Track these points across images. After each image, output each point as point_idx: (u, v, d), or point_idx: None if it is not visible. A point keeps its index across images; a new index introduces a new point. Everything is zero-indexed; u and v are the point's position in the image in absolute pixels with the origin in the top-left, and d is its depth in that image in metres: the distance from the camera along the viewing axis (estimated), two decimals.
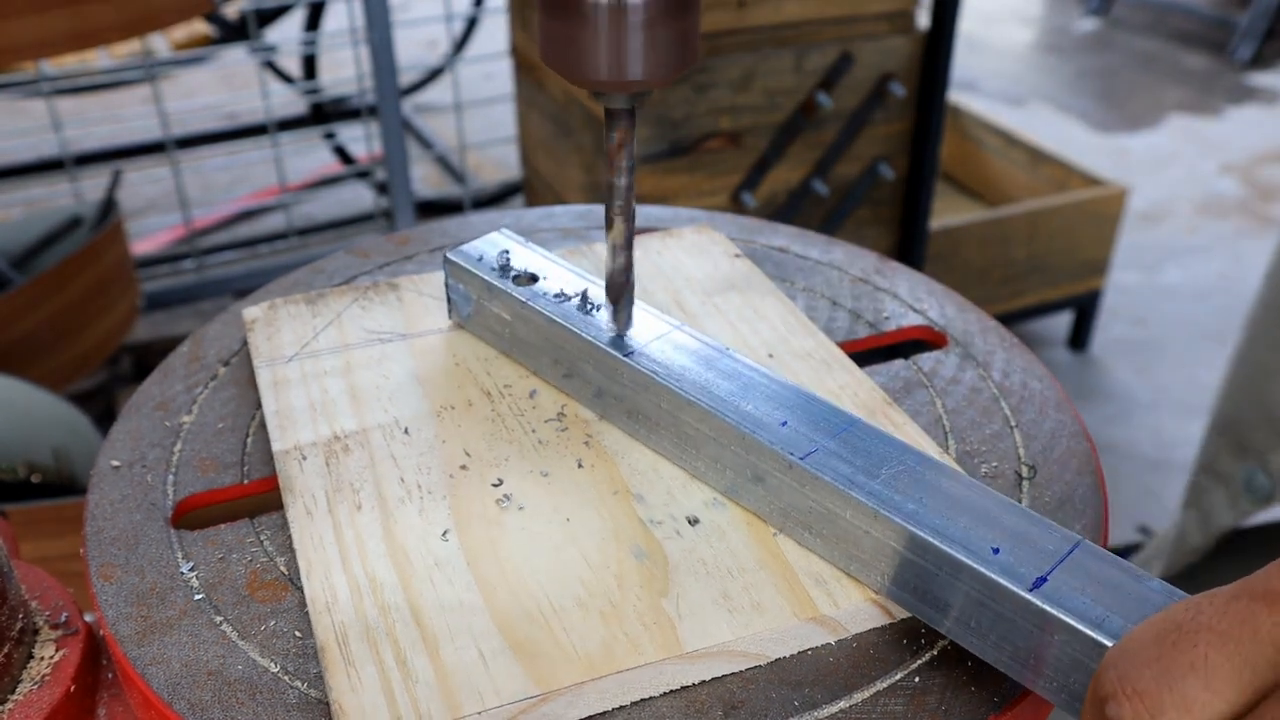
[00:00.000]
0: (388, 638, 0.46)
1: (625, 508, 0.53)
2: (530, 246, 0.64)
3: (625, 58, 0.48)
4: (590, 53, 0.48)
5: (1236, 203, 3.11)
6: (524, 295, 0.60)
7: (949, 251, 2.19)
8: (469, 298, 0.64)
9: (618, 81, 0.49)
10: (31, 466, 1.44)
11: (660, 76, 0.49)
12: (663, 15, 0.48)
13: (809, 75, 1.87)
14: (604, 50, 0.48)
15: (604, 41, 0.48)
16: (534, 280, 0.61)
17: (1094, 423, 2.27)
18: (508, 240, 0.65)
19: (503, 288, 0.61)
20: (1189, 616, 0.36)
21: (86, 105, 3.28)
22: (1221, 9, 4.42)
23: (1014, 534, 0.45)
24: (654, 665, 0.45)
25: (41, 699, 0.49)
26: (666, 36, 0.48)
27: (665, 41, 0.48)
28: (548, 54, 0.50)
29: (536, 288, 0.61)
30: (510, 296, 0.61)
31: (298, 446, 0.57)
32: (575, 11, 0.48)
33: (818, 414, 0.52)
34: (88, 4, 1.25)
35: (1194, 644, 0.35)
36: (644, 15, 0.47)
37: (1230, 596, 0.35)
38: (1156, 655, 0.35)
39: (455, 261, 0.63)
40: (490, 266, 0.63)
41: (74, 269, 1.79)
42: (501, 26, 2.81)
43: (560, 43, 0.49)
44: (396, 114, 2.02)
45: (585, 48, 0.48)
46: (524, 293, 0.60)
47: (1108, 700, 0.36)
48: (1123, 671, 0.36)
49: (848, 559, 0.49)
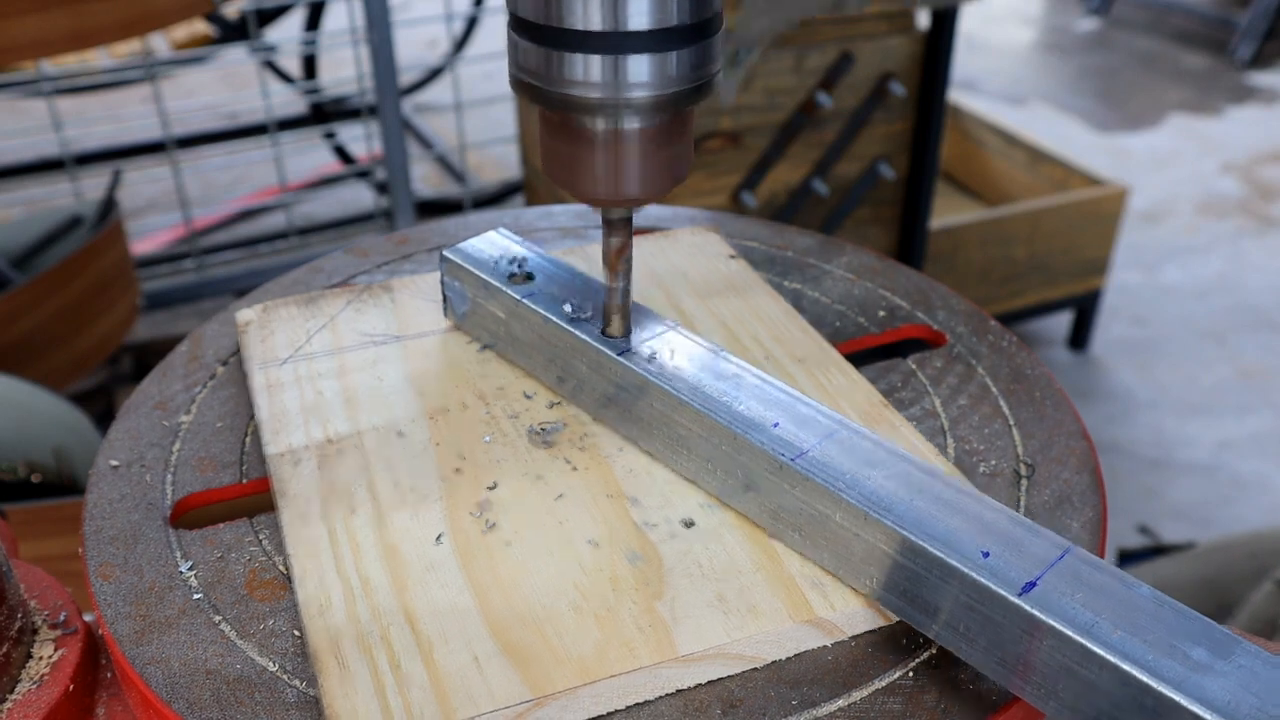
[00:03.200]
0: (381, 642, 0.46)
1: (620, 510, 0.53)
2: (527, 245, 0.64)
3: (623, 178, 0.51)
4: (589, 172, 0.51)
5: (1236, 202, 3.11)
6: (520, 294, 0.60)
7: (949, 251, 2.19)
8: (465, 296, 0.64)
9: (616, 199, 0.52)
10: (31, 466, 1.44)
11: (656, 193, 0.52)
12: (658, 141, 0.51)
13: (809, 75, 1.87)
14: (602, 171, 0.51)
15: (602, 163, 0.51)
16: (530, 279, 0.62)
17: (1094, 422, 2.27)
18: (505, 239, 0.65)
19: (499, 286, 0.61)
20: None
21: (86, 105, 3.28)
22: (1221, 9, 4.42)
23: (1004, 538, 0.45)
24: (648, 669, 0.45)
25: (40, 698, 0.49)
26: (661, 159, 0.51)
27: (660, 163, 0.51)
28: (550, 169, 0.53)
29: (532, 286, 0.61)
30: (506, 295, 0.61)
31: (291, 450, 0.57)
32: (576, 135, 0.51)
33: (809, 416, 0.52)
34: (88, 4, 1.25)
35: None
36: (640, 141, 0.50)
37: None
38: None
39: (452, 259, 0.63)
40: (488, 265, 0.63)
41: (74, 269, 1.78)
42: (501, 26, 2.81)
43: (562, 160, 0.52)
44: (396, 114, 2.02)
45: (585, 168, 0.51)
46: (520, 291, 0.60)
47: None
48: None
49: (838, 562, 0.49)
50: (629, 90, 0.48)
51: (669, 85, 0.48)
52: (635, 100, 0.48)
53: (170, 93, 3.47)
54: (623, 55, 0.47)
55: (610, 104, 0.48)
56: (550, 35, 0.48)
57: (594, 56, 0.47)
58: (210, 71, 3.52)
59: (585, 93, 0.48)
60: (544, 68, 0.49)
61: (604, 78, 0.48)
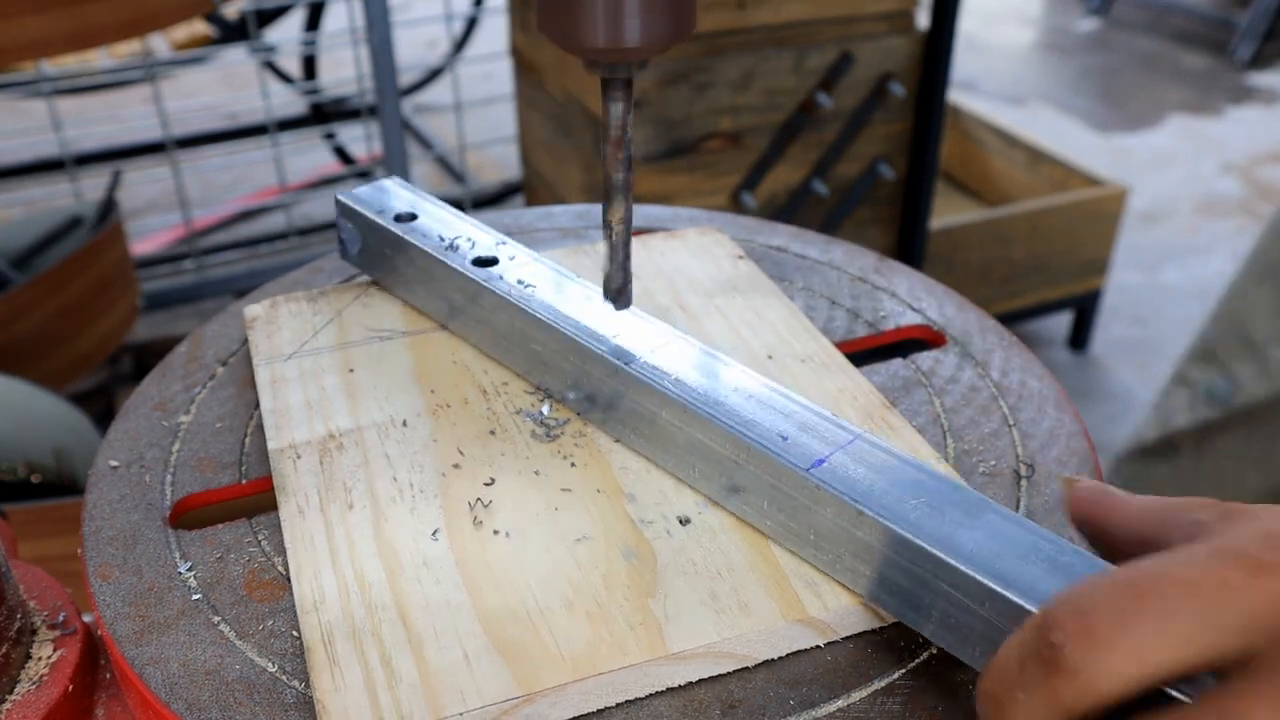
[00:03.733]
0: (373, 637, 0.46)
1: (616, 507, 0.53)
2: (416, 192, 0.70)
3: (623, 21, 0.48)
4: (587, 17, 0.48)
5: (1236, 203, 3.11)
6: (401, 230, 0.66)
7: (949, 251, 2.19)
8: (356, 236, 0.69)
9: (616, 46, 0.49)
10: (31, 466, 1.44)
11: (658, 41, 0.49)
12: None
13: (809, 75, 1.87)
14: (601, 13, 0.48)
15: (601, 7, 0.48)
16: (414, 219, 0.67)
17: (1094, 423, 2.27)
18: (398, 188, 0.70)
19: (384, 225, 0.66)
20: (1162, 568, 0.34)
21: (86, 105, 3.28)
22: (1221, 9, 4.42)
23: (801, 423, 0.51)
24: (639, 666, 0.45)
25: (39, 699, 0.49)
26: (662, 3, 0.48)
27: (661, 6, 0.48)
28: (545, 23, 0.50)
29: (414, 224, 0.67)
30: (389, 231, 0.66)
31: (293, 445, 0.57)
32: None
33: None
34: (88, 4, 1.25)
35: (1162, 594, 0.34)
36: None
37: (1211, 553, 0.34)
38: (1118, 594, 0.34)
39: (345, 202, 0.69)
40: (375, 208, 0.68)
41: (74, 269, 1.78)
42: (501, 26, 2.80)
43: (558, 10, 0.49)
44: (396, 114, 2.02)
45: (582, 12, 0.48)
46: (402, 228, 0.66)
47: (1053, 628, 0.34)
48: (1079, 605, 0.34)
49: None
50: None
51: None
52: None
53: (170, 93, 3.47)
54: None
55: None
56: None
57: None
58: (210, 72, 3.52)
59: None
60: None
61: None
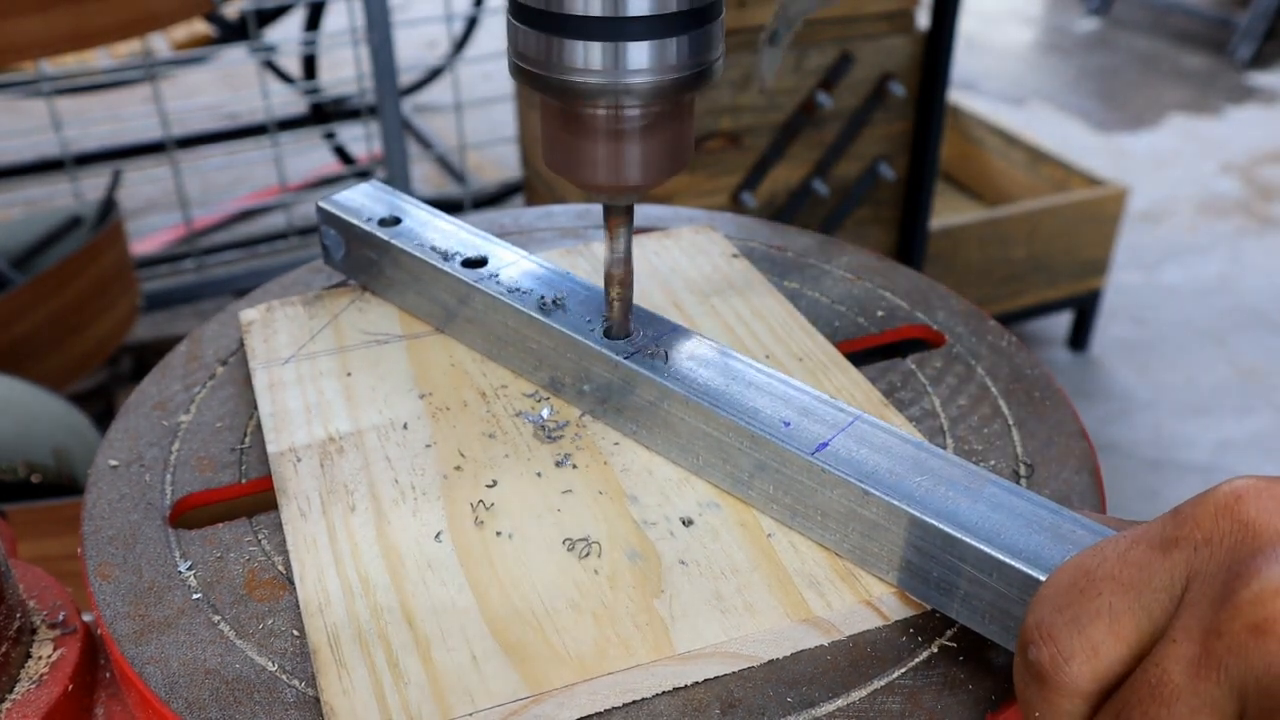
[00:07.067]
0: (379, 639, 0.46)
1: (619, 508, 0.53)
2: (397, 195, 0.70)
3: (623, 165, 0.51)
4: (590, 160, 0.52)
5: (1236, 203, 3.11)
6: (387, 235, 0.65)
7: (949, 251, 2.19)
8: (340, 241, 0.68)
9: (617, 186, 0.52)
10: (31, 466, 1.44)
11: (657, 180, 0.52)
12: (658, 128, 0.51)
13: (809, 75, 1.87)
14: (603, 158, 0.51)
15: (603, 151, 0.51)
16: (398, 223, 0.67)
17: (1094, 423, 2.27)
18: (378, 190, 0.70)
19: (369, 230, 0.66)
20: (1095, 564, 0.38)
21: (86, 105, 3.27)
22: (1221, 9, 4.42)
23: (801, 408, 0.52)
24: (645, 666, 0.45)
25: (39, 698, 0.49)
26: (662, 146, 0.52)
27: (661, 150, 0.52)
28: (550, 158, 0.53)
29: (399, 228, 0.66)
30: (376, 237, 0.65)
31: (293, 448, 0.57)
32: (576, 123, 0.51)
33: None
34: (88, 4, 1.25)
35: (1099, 591, 0.37)
36: (640, 128, 0.51)
37: (1129, 544, 0.37)
38: (1068, 602, 0.38)
39: (326, 208, 0.68)
40: (359, 213, 0.68)
41: (74, 269, 1.78)
42: (501, 26, 2.81)
43: (562, 149, 0.52)
44: (396, 114, 2.02)
45: (585, 156, 0.52)
46: (387, 232, 0.66)
47: (1029, 645, 0.38)
48: (1039, 617, 0.38)
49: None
50: (629, 77, 0.48)
51: (669, 72, 0.48)
52: (635, 86, 0.48)
53: (170, 93, 3.47)
54: (623, 42, 0.47)
55: (610, 90, 0.48)
56: (550, 21, 0.48)
57: (594, 43, 0.47)
58: (210, 71, 3.52)
59: (585, 79, 0.48)
60: (544, 54, 0.49)
61: (604, 64, 0.48)
